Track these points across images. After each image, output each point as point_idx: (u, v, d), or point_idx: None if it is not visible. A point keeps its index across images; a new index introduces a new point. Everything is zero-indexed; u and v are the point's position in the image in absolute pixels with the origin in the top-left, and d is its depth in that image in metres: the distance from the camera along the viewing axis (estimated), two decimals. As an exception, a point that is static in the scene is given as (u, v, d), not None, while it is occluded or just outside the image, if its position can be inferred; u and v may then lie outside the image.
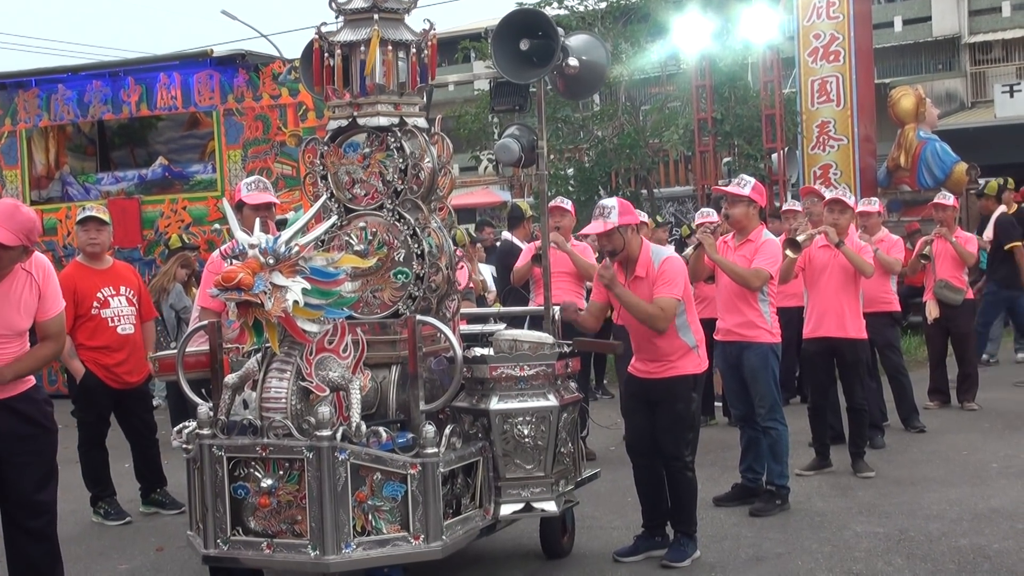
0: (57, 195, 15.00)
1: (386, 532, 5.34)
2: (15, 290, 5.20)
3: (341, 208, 6.09)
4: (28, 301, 5.24)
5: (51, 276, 5.38)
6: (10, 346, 5.23)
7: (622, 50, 17.80)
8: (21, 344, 5.31)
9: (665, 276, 6.29)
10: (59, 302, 5.43)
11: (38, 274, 5.28)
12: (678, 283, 6.31)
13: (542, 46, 6.74)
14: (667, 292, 6.26)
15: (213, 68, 13.86)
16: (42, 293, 5.29)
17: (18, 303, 5.21)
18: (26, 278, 5.23)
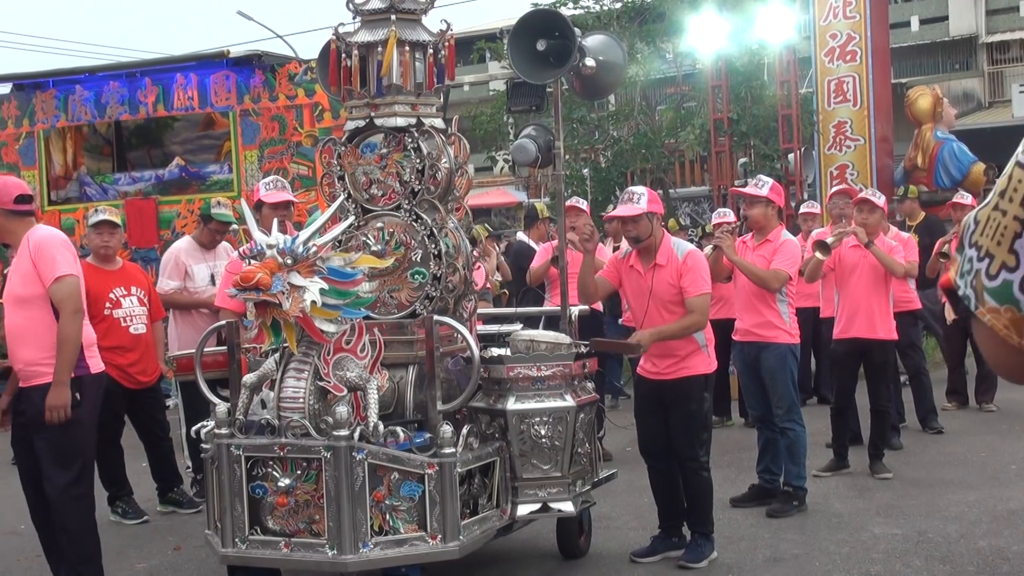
0: (75, 195, 15.03)
1: (403, 532, 5.35)
2: (19, 259, 5.67)
3: (358, 208, 6.10)
4: (24, 269, 5.63)
5: (42, 245, 5.65)
6: (17, 313, 5.67)
7: (638, 50, 17.78)
8: (29, 314, 5.65)
9: (693, 272, 6.30)
10: (56, 269, 5.63)
11: (31, 243, 5.63)
12: (705, 278, 6.35)
13: (559, 46, 6.74)
14: (699, 289, 6.29)
15: (229, 69, 13.88)
16: (33, 261, 5.61)
17: (17, 271, 5.66)
18: (24, 248, 5.65)
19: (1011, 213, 1.07)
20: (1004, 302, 1.07)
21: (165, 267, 8.58)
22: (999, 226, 1.08)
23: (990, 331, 1.09)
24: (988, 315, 1.09)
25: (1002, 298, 1.07)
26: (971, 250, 1.13)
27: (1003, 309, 1.07)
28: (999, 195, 1.09)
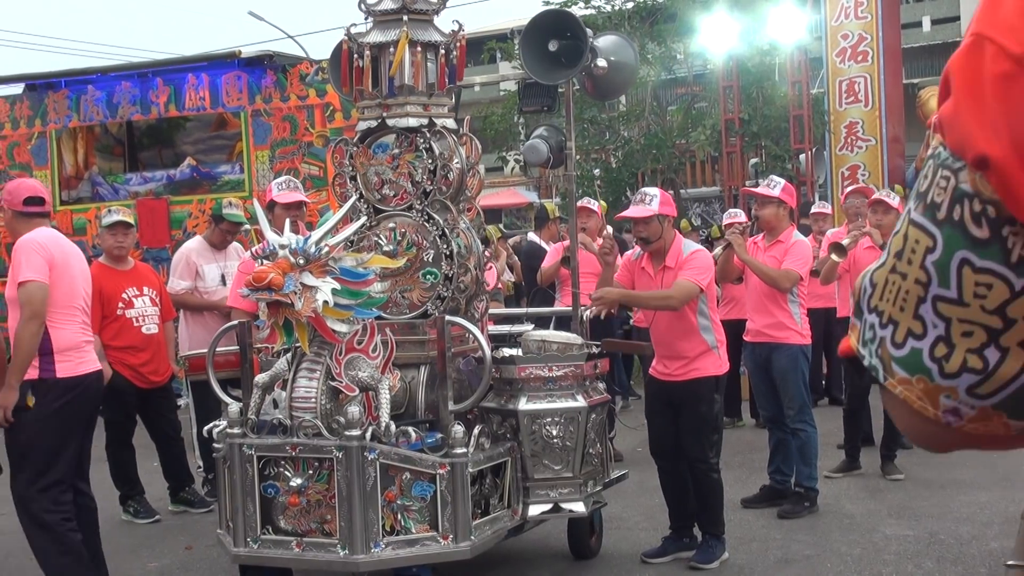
0: (87, 195, 15.07)
1: (415, 532, 5.35)
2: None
3: (370, 209, 6.10)
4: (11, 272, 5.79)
5: (17, 249, 5.72)
6: (10, 313, 5.80)
7: (649, 50, 17.78)
8: (13, 314, 5.76)
9: (692, 263, 6.30)
10: (20, 273, 5.66)
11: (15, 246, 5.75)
12: (704, 274, 6.32)
13: (571, 47, 6.73)
14: (690, 277, 6.26)
15: (241, 69, 13.90)
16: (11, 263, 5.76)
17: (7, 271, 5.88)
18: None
19: (911, 276, 1.00)
20: (915, 372, 1.00)
21: (176, 267, 8.60)
22: (899, 290, 1.02)
23: (903, 403, 1.02)
24: (900, 387, 1.02)
25: (912, 368, 1.00)
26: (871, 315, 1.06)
27: (915, 379, 1.01)
28: (895, 256, 1.03)
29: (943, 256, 0.97)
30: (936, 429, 1.02)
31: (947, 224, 0.97)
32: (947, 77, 0.98)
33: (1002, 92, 0.92)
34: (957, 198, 0.96)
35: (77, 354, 5.95)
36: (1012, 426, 0.99)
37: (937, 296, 0.98)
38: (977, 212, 0.95)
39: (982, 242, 0.95)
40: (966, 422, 1.00)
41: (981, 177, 0.94)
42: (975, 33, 0.96)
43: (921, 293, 0.99)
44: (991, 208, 0.94)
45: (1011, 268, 0.94)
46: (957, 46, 0.99)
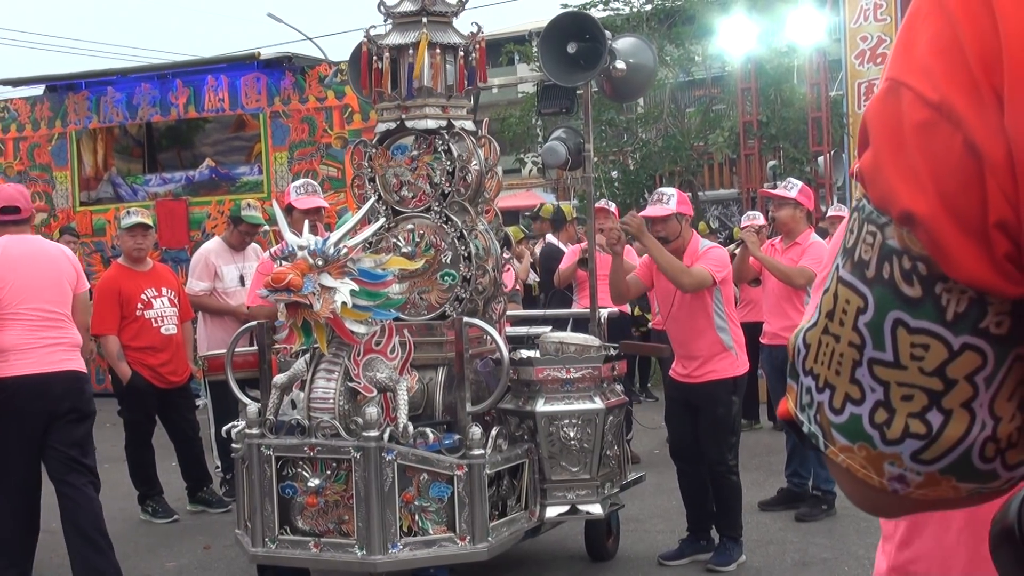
0: (107, 196, 15.14)
1: (432, 533, 5.36)
2: None
3: (389, 210, 6.11)
4: None
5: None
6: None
7: (667, 52, 17.77)
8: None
9: (708, 256, 6.31)
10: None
11: None
12: (719, 267, 6.31)
13: (589, 49, 6.73)
14: (705, 266, 6.26)
15: (260, 71, 13.96)
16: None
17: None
18: None
19: (844, 338, 0.93)
20: (856, 439, 0.94)
21: (195, 268, 8.63)
22: (834, 352, 0.95)
23: (846, 471, 0.96)
24: (841, 455, 0.95)
25: (853, 435, 0.94)
26: (807, 378, 0.98)
27: (856, 447, 0.94)
28: (827, 317, 0.95)
29: (875, 317, 0.91)
30: (883, 497, 0.96)
31: (877, 283, 0.91)
32: (864, 127, 0.92)
33: (923, 142, 0.86)
34: (885, 255, 0.90)
35: (15, 356, 5.99)
36: (962, 488, 0.93)
37: (873, 359, 0.92)
38: (907, 270, 0.89)
39: (915, 301, 0.89)
40: (913, 488, 0.94)
41: (908, 233, 0.88)
42: (889, 78, 0.90)
43: (856, 356, 0.93)
44: (921, 265, 0.88)
45: (947, 327, 0.88)
46: None
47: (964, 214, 0.85)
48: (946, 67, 0.85)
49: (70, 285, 6.24)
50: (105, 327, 7.83)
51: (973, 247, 0.86)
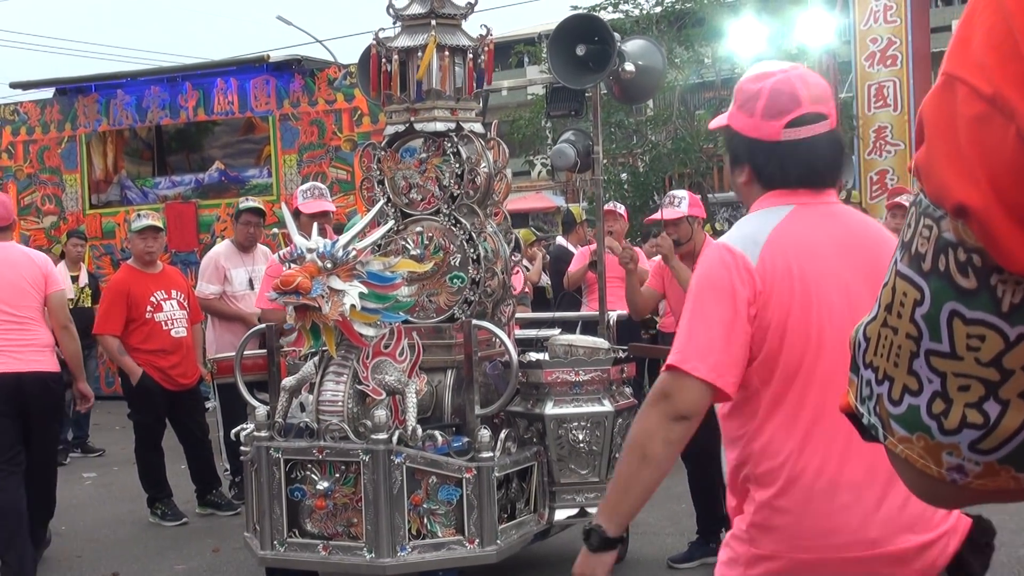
0: (116, 199, 15.17)
1: (441, 535, 5.35)
2: None
3: (398, 213, 6.11)
4: None
5: None
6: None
7: (677, 54, 17.74)
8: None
9: None
10: None
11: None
12: None
13: (599, 51, 6.73)
14: None
15: (269, 73, 13.98)
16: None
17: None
18: None
19: (903, 331, 0.95)
20: (914, 430, 0.95)
21: (204, 271, 8.64)
22: (892, 345, 0.96)
23: (905, 462, 0.97)
24: (900, 445, 0.97)
25: (911, 426, 0.95)
26: (867, 371, 1.00)
27: (915, 437, 0.96)
28: (885, 310, 0.97)
29: (932, 309, 0.93)
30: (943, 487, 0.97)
31: (933, 275, 0.92)
32: (920, 122, 0.93)
33: (976, 135, 0.87)
34: (941, 248, 0.92)
35: None
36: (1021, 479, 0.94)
37: (930, 350, 0.93)
38: (962, 262, 0.90)
39: (970, 292, 0.90)
40: (972, 479, 0.95)
41: (963, 225, 0.89)
42: (945, 73, 0.90)
43: (913, 348, 0.94)
44: (976, 257, 0.89)
45: (1003, 318, 0.89)
46: None
47: (1017, 206, 0.86)
48: (1000, 61, 0.86)
49: (35, 288, 6.60)
50: (107, 327, 7.86)
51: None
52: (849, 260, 2.59)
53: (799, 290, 2.53)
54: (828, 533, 2.49)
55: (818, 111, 2.63)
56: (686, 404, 2.50)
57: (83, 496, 8.91)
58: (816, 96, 2.64)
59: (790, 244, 2.57)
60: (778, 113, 2.61)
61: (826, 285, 2.55)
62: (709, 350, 2.48)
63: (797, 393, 2.52)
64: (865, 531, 2.49)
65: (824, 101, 2.66)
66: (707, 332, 2.51)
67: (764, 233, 2.58)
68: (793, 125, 2.61)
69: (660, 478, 2.56)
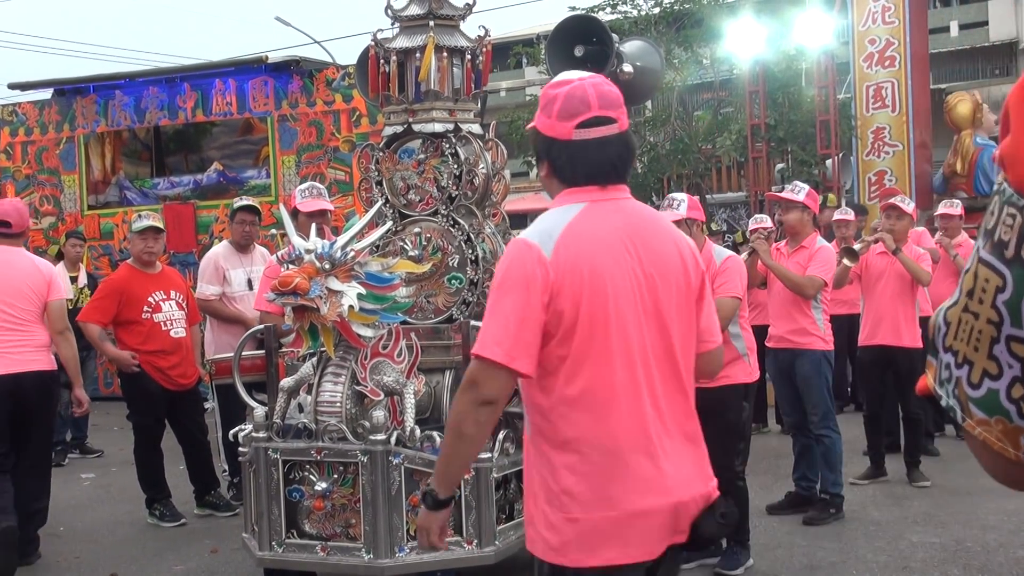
0: (115, 200, 15.19)
1: (439, 536, 5.34)
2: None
3: (396, 214, 6.12)
4: None
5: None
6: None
7: (675, 55, 17.76)
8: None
9: (726, 274, 6.25)
10: None
11: None
12: (737, 283, 6.28)
13: (597, 52, 6.74)
14: (727, 292, 6.21)
15: (268, 74, 13.99)
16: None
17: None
18: None
19: (983, 316, 0.96)
20: (993, 413, 0.97)
21: (204, 272, 8.63)
22: (972, 330, 0.98)
23: (983, 444, 0.99)
24: (978, 428, 0.98)
25: (990, 409, 0.97)
26: (947, 355, 1.02)
27: (993, 421, 0.97)
28: (967, 295, 0.99)
29: (1014, 296, 0.94)
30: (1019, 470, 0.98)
31: (1016, 263, 0.93)
32: (1006, 112, 0.93)
33: None
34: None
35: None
36: None
37: (1011, 336, 0.94)
38: None
39: None
40: None
41: None
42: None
43: (994, 333, 0.96)
44: None
45: None
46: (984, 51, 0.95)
47: None
48: None
49: (36, 294, 6.94)
50: (91, 316, 7.88)
51: None
52: (635, 250, 2.93)
53: (590, 278, 2.84)
54: (621, 492, 2.84)
55: (607, 115, 2.97)
56: (491, 390, 2.81)
57: (82, 497, 8.91)
58: (607, 102, 2.98)
59: (582, 238, 2.88)
60: (570, 115, 2.96)
61: (615, 273, 2.88)
62: (505, 337, 2.79)
63: (591, 370, 2.85)
64: (652, 489, 2.87)
65: (614, 107, 2.99)
66: (504, 321, 2.82)
67: (559, 228, 2.90)
68: (584, 126, 2.95)
69: (477, 451, 3.01)
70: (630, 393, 2.88)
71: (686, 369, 3.03)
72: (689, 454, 3.01)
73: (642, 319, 2.91)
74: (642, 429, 2.88)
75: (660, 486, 2.88)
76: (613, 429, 2.86)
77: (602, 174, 2.99)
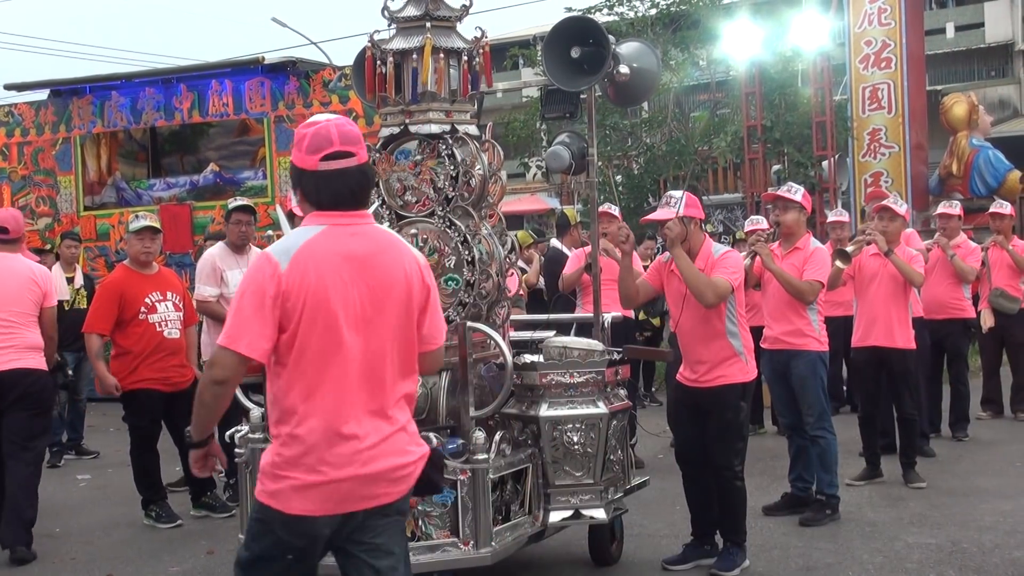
0: (111, 200, 15.18)
1: (436, 538, 5.35)
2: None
3: (392, 215, 6.11)
4: None
5: None
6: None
7: (672, 57, 17.77)
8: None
9: (725, 262, 6.25)
10: None
11: None
12: (737, 272, 6.28)
13: (593, 54, 6.73)
14: (724, 275, 6.21)
15: (264, 75, 13.99)
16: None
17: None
18: None
19: None
20: None
21: (201, 273, 8.61)
22: None
23: None
24: None
25: None
26: None
27: None
28: None
29: None
30: None
31: None
32: None
33: None
34: None
35: None
36: None
37: None
38: None
39: None
40: None
41: None
42: None
43: None
44: None
45: None
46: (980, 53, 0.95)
47: None
48: None
49: (32, 299, 7.16)
50: (95, 326, 7.87)
51: None
52: (362, 268, 3.52)
53: (316, 290, 3.43)
54: (327, 462, 3.43)
55: (347, 150, 3.54)
56: (224, 370, 3.44)
57: (77, 498, 8.91)
58: (347, 139, 3.55)
59: (315, 255, 3.47)
60: (316, 149, 3.53)
61: (339, 285, 3.47)
62: (243, 332, 3.42)
63: (311, 365, 3.45)
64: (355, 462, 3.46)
65: (353, 143, 3.57)
66: (239, 318, 3.44)
67: (297, 245, 3.49)
68: (327, 159, 3.52)
69: (218, 414, 3.56)
70: (343, 384, 3.46)
71: (402, 365, 3.61)
72: (393, 435, 3.56)
73: (361, 324, 3.49)
74: (349, 413, 3.47)
75: (358, 461, 3.46)
76: (324, 412, 3.44)
77: (343, 200, 3.57)
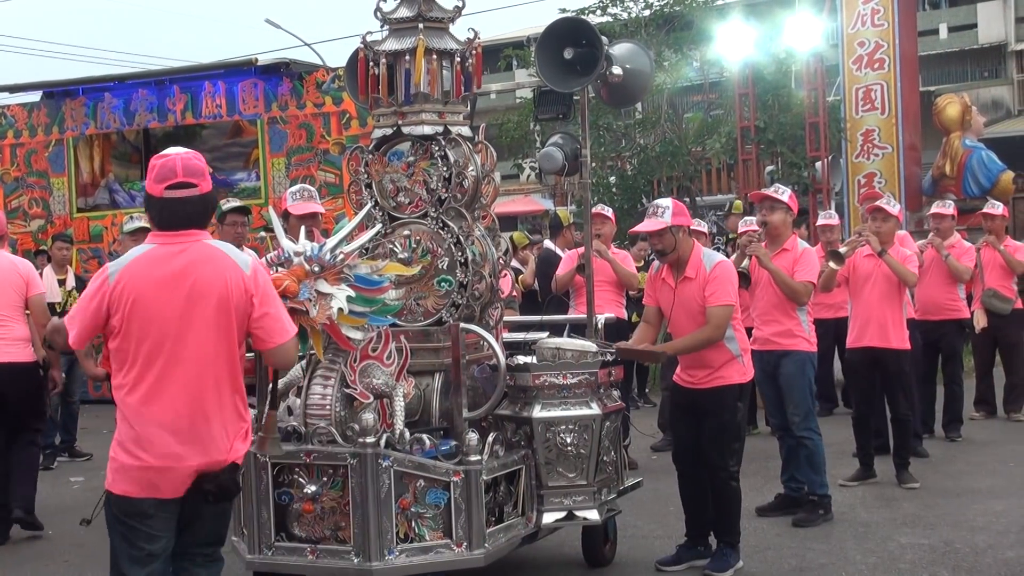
0: (104, 202, 15.15)
1: (429, 539, 5.35)
2: None
3: (385, 216, 6.12)
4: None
5: None
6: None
7: (665, 58, 17.76)
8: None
9: (716, 283, 6.23)
10: None
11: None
12: (728, 290, 6.27)
13: (586, 55, 6.74)
14: (717, 300, 6.21)
15: (257, 77, 13.97)
16: None
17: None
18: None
19: None
20: None
21: None
22: None
23: None
24: None
25: None
26: None
27: None
28: None
29: None
30: None
31: None
32: None
33: None
34: None
35: None
36: None
37: None
38: None
39: None
40: None
41: None
42: None
43: None
44: None
45: None
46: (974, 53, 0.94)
47: None
48: None
49: (15, 291, 7.42)
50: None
51: None
52: (186, 279, 4.05)
53: (136, 299, 4.00)
54: (148, 448, 4.00)
55: (189, 181, 4.12)
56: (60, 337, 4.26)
57: (71, 500, 8.88)
58: (190, 172, 4.14)
59: (142, 268, 4.06)
60: (162, 179, 4.11)
61: (159, 299, 4.02)
62: (74, 323, 4.14)
63: (137, 365, 4.02)
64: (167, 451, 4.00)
65: (197, 176, 4.16)
66: (79, 314, 4.13)
67: (128, 259, 4.11)
68: (171, 188, 4.10)
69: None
70: (161, 383, 4.00)
71: (227, 367, 4.15)
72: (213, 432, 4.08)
73: (184, 330, 4.02)
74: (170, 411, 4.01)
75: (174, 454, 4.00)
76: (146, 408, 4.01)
77: (179, 223, 4.12)
